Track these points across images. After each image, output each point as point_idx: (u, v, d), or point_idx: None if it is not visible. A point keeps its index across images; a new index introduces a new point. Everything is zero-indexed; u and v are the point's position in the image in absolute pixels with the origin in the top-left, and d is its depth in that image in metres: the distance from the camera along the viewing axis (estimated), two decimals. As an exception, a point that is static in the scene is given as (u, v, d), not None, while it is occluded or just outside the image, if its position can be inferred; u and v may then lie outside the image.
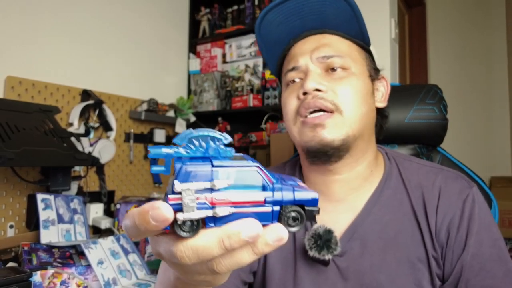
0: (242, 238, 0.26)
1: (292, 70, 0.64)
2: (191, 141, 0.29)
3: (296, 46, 0.65)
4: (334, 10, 0.60)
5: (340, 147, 0.58)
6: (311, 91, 0.59)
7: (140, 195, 1.74)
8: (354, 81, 0.60)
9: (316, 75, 0.60)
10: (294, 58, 0.64)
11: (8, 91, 1.25)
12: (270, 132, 1.82)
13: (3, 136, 1.04)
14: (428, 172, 0.64)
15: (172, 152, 0.29)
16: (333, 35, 0.63)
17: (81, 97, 1.48)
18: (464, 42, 3.06)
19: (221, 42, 2.05)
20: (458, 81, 3.00)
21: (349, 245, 0.60)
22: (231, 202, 0.28)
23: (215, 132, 0.30)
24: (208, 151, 0.30)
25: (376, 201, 0.62)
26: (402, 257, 0.58)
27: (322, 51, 0.61)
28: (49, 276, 0.97)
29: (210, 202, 0.27)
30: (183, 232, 0.27)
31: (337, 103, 0.58)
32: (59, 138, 1.21)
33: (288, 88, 0.65)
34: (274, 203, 0.29)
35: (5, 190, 1.22)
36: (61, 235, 1.18)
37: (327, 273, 0.60)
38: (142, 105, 1.73)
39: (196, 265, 0.28)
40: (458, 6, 3.10)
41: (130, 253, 1.17)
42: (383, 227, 0.60)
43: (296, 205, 0.30)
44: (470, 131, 2.88)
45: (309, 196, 0.30)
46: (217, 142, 0.30)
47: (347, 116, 0.58)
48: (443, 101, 0.85)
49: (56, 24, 1.42)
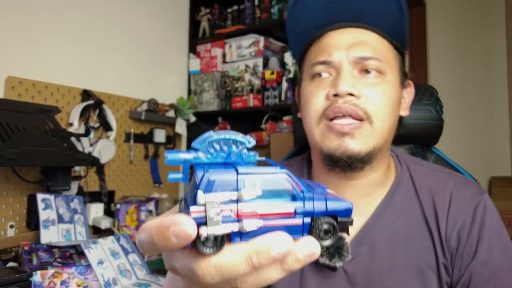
0: (272, 255, 0.24)
1: (323, 63, 0.58)
2: (212, 145, 0.27)
3: (330, 36, 0.59)
4: (381, 8, 0.56)
5: (364, 159, 0.55)
6: (344, 94, 0.54)
7: (140, 195, 1.74)
8: (388, 89, 0.56)
9: (351, 76, 0.55)
10: (327, 50, 0.58)
11: (9, 91, 1.25)
12: (270, 132, 1.82)
13: (3, 136, 1.04)
14: (438, 177, 0.62)
15: (191, 158, 0.26)
16: (371, 32, 0.58)
17: (81, 97, 1.48)
18: (464, 42, 3.06)
19: (221, 42, 2.05)
20: (458, 81, 3.00)
21: (358, 250, 0.59)
22: (259, 215, 0.25)
23: (237, 134, 0.27)
24: (230, 156, 0.27)
25: (386, 206, 0.61)
26: (411, 264, 0.57)
27: (360, 50, 0.56)
28: (49, 276, 0.97)
29: (236, 214, 0.25)
30: (206, 249, 0.24)
31: (369, 112, 0.54)
32: (59, 138, 1.22)
33: (314, 82, 0.59)
34: (305, 214, 0.26)
35: (6, 190, 1.23)
36: (61, 235, 1.18)
37: (334, 278, 0.59)
38: (142, 105, 1.74)
39: (218, 284, 0.26)
40: (458, 6, 3.09)
41: (130, 253, 1.17)
42: (393, 233, 0.59)
43: (329, 216, 0.27)
44: (470, 131, 2.88)
45: (343, 207, 0.27)
46: (239, 146, 0.27)
47: (376, 128, 0.55)
48: (439, 101, 0.86)
49: (57, 24, 1.43)
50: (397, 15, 0.56)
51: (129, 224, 1.37)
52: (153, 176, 1.82)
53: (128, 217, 1.38)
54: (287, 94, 1.76)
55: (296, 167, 0.72)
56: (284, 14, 1.81)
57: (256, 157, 0.28)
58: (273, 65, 1.86)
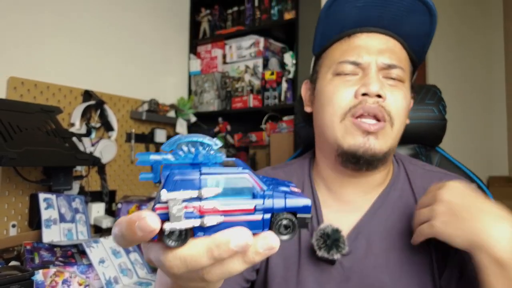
0: (231, 247, 0.26)
1: (352, 63, 0.59)
2: (180, 147, 0.28)
3: (360, 38, 0.60)
4: (416, 23, 0.58)
5: (382, 158, 0.58)
6: (374, 95, 0.56)
7: (141, 194, 1.74)
8: (406, 95, 0.60)
9: (379, 79, 0.58)
10: (357, 51, 0.59)
11: (11, 92, 1.26)
12: (270, 132, 1.83)
13: (5, 136, 1.05)
14: (432, 177, 0.64)
15: (160, 159, 0.28)
16: (397, 41, 0.61)
17: (82, 98, 1.49)
18: (463, 43, 3.07)
19: (221, 43, 2.06)
20: (457, 82, 3.01)
21: (354, 245, 0.60)
22: (220, 211, 0.27)
23: (204, 137, 0.29)
24: (198, 157, 0.28)
25: (382, 202, 0.62)
26: (406, 259, 0.58)
27: (388, 58, 0.58)
28: (51, 275, 0.98)
29: (199, 211, 0.27)
30: (171, 242, 0.26)
31: (392, 114, 0.57)
32: (61, 138, 1.22)
33: (339, 78, 0.60)
34: (265, 210, 0.28)
35: (8, 190, 1.23)
36: (63, 234, 1.19)
37: (331, 272, 0.60)
38: (143, 105, 1.75)
39: (187, 273, 0.28)
40: (457, 7, 3.11)
41: (131, 252, 1.18)
42: (388, 228, 0.60)
43: (288, 212, 0.29)
44: (469, 131, 2.89)
45: (301, 203, 0.29)
46: (207, 148, 0.29)
47: (395, 129, 0.58)
48: (442, 101, 0.85)
49: (58, 25, 1.44)
50: (426, 30, 0.59)
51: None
52: (154, 176, 1.83)
53: (129, 217, 1.39)
54: (286, 94, 1.77)
55: (296, 165, 0.73)
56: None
57: (223, 157, 0.29)
58: (273, 65, 1.86)
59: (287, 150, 1.61)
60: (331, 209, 0.64)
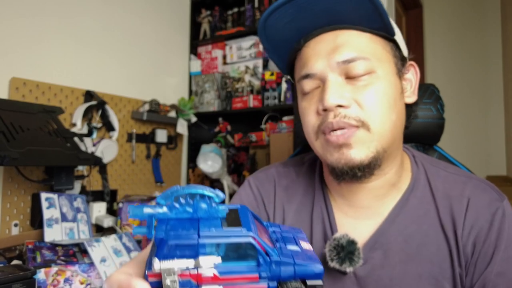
0: None
1: (307, 77, 0.54)
2: (177, 199, 0.26)
3: (309, 47, 0.55)
4: (352, 4, 0.50)
5: (371, 165, 0.52)
6: (332, 107, 0.51)
7: (142, 194, 1.75)
8: (381, 86, 0.52)
9: (337, 86, 0.51)
10: (308, 62, 0.54)
11: (13, 92, 1.26)
12: (269, 132, 1.84)
13: (8, 136, 1.05)
14: (456, 181, 0.58)
15: (155, 213, 0.25)
16: (350, 30, 0.53)
17: (84, 98, 1.49)
18: (460, 44, 3.08)
19: (222, 43, 2.07)
20: (455, 81, 3.02)
21: (370, 255, 0.56)
22: (220, 279, 0.24)
23: (204, 188, 0.26)
24: (197, 211, 0.26)
25: (401, 210, 0.57)
26: (424, 272, 0.54)
27: (342, 54, 0.51)
28: (52, 274, 0.98)
29: (196, 279, 0.24)
30: None
31: (363, 118, 0.51)
32: (62, 138, 1.23)
33: (305, 99, 0.56)
34: (271, 278, 0.25)
35: (10, 189, 1.24)
36: (65, 234, 1.20)
37: (344, 282, 0.57)
38: (144, 105, 1.76)
39: None
40: (454, 8, 3.12)
41: (132, 251, 1.19)
42: (406, 238, 0.56)
43: (297, 280, 0.26)
44: (466, 130, 2.90)
45: (312, 271, 0.26)
46: (208, 200, 0.26)
47: (375, 131, 0.51)
48: (440, 100, 0.86)
49: (60, 26, 1.44)
50: (371, 8, 0.50)
51: (131, 223, 1.39)
52: (155, 175, 1.84)
53: (130, 216, 1.40)
54: (286, 95, 1.78)
55: (306, 168, 0.69)
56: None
57: (225, 211, 0.26)
58: (272, 66, 1.87)
59: (287, 150, 1.61)
60: (347, 214, 0.60)
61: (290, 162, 0.72)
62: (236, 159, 2.00)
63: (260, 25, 0.55)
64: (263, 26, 0.55)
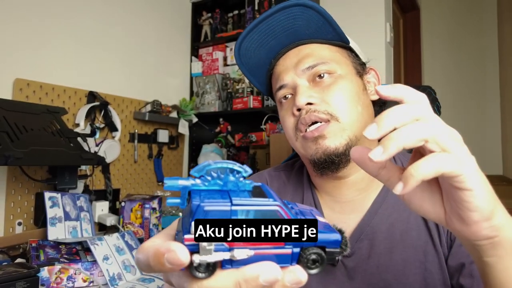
0: (260, 282, 0.25)
1: (281, 88, 0.64)
2: (209, 173, 0.28)
3: (279, 65, 0.65)
4: (305, 22, 0.60)
5: (346, 152, 0.58)
6: (304, 106, 0.59)
7: (144, 193, 1.77)
8: (343, 83, 0.60)
9: (305, 88, 0.60)
10: (280, 76, 0.64)
11: (17, 93, 1.28)
12: (269, 133, 1.86)
13: (12, 136, 1.06)
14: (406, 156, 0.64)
15: (189, 184, 0.28)
16: (311, 44, 0.63)
17: (87, 99, 1.51)
18: (458, 45, 3.10)
19: (222, 45, 2.09)
20: (451, 82, 3.04)
21: (357, 246, 0.60)
22: (249, 244, 0.26)
23: (234, 164, 0.28)
24: (227, 184, 0.28)
25: (382, 201, 0.62)
26: (409, 257, 0.57)
27: (305, 62, 0.61)
28: (56, 272, 1.00)
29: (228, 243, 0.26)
30: (198, 273, 0.26)
31: (331, 111, 0.58)
32: (66, 138, 1.24)
33: (282, 106, 0.65)
34: (295, 244, 0.27)
35: (14, 189, 1.25)
36: (68, 232, 1.21)
37: (334, 273, 0.60)
38: (146, 106, 1.77)
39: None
40: (452, 11, 3.13)
41: (134, 249, 1.20)
42: (389, 227, 0.60)
43: (317, 246, 0.28)
44: (463, 131, 2.90)
45: (331, 238, 0.28)
46: (236, 174, 0.28)
47: (344, 121, 0.58)
48: (437, 101, 0.87)
49: (63, 28, 1.46)
50: (322, 21, 0.60)
51: (134, 221, 1.40)
52: (157, 175, 1.86)
53: (133, 215, 1.41)
54: (287, 95, 1.79)
55: (295, 171, 0.74)
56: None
57: (251, 185, 0.29)
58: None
59: (286, 150, 1.63)
60: (334, 210, 0.65)
61: (281, 167, 0.78)
62: (236, 159, 2.01)
63: (235, 54, 0.66)
64: (238, 55, 0.65)
